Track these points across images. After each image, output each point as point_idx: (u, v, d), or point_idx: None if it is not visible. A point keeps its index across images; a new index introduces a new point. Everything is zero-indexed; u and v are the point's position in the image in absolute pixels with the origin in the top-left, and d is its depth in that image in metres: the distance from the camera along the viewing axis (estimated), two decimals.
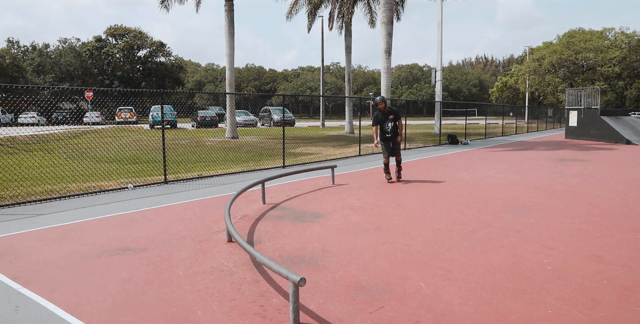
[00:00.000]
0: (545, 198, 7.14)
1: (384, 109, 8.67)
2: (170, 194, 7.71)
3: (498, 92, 57.31)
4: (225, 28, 20.87)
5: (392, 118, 8.66)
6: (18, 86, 7.31)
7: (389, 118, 8.66)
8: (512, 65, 77.11)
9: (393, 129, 8.71)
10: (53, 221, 5.85)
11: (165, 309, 3.24)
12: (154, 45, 59.33)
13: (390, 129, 8.72)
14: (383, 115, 8.67)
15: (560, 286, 3.60)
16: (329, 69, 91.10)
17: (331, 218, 5.89)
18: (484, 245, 4.69)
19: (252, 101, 71.36)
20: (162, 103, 9.01)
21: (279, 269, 3.09)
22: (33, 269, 4.06)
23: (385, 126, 8.71)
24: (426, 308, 3.22)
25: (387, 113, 8.69)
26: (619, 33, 41.93)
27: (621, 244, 4.68)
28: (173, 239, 4.99)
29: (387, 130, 8.72)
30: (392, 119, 8.67)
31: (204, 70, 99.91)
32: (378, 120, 8.69)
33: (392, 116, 8.67)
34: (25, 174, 8.93)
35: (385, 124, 8.69)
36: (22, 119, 31.29)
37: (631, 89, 42.05)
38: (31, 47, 54.25)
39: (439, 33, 25.48)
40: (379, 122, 8.69)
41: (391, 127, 8.70)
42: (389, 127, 8.71)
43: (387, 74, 18.56)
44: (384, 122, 8.68)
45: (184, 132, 23.08)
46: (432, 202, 6.90)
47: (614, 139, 19.19)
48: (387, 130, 8.72)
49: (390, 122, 8.66)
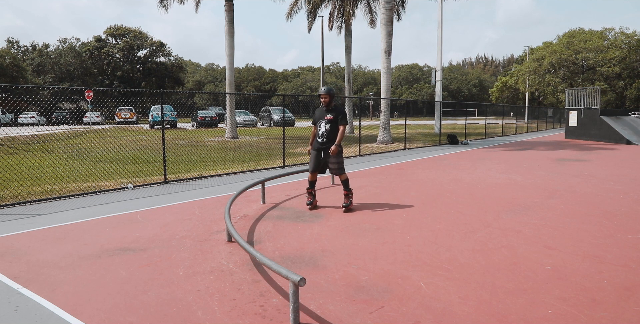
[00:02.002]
0: (545, 198, 7.14)
1: (326, 103, 6.26)
2: (170, 194, 7.71)
3: (498, 92, 57.34)
4: (225, 28, 20.88)
5: (329, 118, 6.19)
6: (18, 86, 7.31)
7: (326, 117, 6.21)
8: (512, 65, 77.15)
9: (328, 134, 6.19)
10: (53, 221, 5.84)
11: (165, 309, 3.24)
12: (154, 45, 59.36)
13: (324, 133, 6.21)
14: (321, 112, 6.35)
15: (560, 286, 3.60)
16: (329, 69, 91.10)
17: (331, 218, 5.89)
18: (484, 245, 4.69)
19: (252, 101, 71.34)
20: (162, 103, 9.01)
21: (279, 269, 3.09)
22: (33, 269, 4.06)
23: (318, 128, 6.32)
24: (426, 308, 3.22)
25: (328, 110, 6.27)
26: (619, 33, 41.97)
27: (621, 244, 4.68)
28: (173, 239, 4.99)
29: (319, 133, 6.28)
30: (330, 120, 6.19)
31: (204, 70, 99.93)
32: (314, 119, 6.45)
33: (331, 116, 6.19)
34: (25, 174, 8.93)
35: (319, 125, 6.30)
36: (22, 119, 31.30)
37: (631, 89, 42.05)
38: (31, 47, 54.25)
39: (439, 33, 25.48)
40: (315, 122, 6.43)
41: (326, 131, 6.19)
42: (323, 130, 6.22)
43: (387, 74, 18.56)
44: (319, 122, 6.33)
45: (184, 132, 23.08)
46: (432, 202, 6.90)
47: (614, 139, 19.19)
48: (319, 133, 6.28)
49: (327, 123, 6.20)
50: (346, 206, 6.28)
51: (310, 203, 6.45)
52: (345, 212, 6.15)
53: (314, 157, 6.30)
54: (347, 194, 6.36)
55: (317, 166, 6.30)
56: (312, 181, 6.42)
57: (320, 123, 6.26)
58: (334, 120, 6.20)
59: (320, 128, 6.25)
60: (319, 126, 6.27)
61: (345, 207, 6.26)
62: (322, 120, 6.24)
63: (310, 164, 6.34)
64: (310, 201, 6.46)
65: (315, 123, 6.36)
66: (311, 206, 6.44)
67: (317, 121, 6.32)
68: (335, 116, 6.20)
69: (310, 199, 6.47)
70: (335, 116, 6.20)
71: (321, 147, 6.26)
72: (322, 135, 6.21)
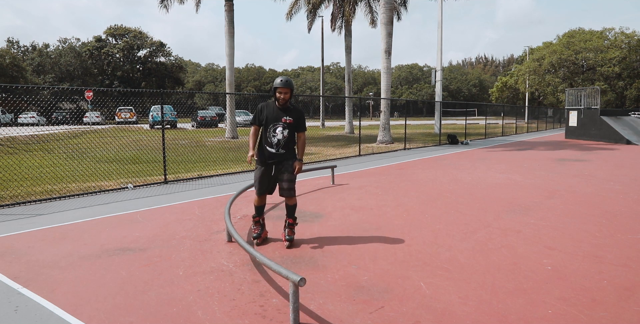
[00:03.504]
0: (545, 198, 7.14)
1: (282, 101, 4.56)
2: (170, 194, 7.71)
3: (498, 92, 57.36)
4: (225, 28, 20.88)
5: (289, 121, 4.57)
6: (18, 86, 7.32)
7: (284, 120, 4.56)
8: (512, 65, 77.19)
9: (286, 143, 4.60)
10: (53, 221, 5.85)
11: (165, 309, 3.24)
12: (154, 45, 59.36)
13: (280, 141, 4.58)
14: (275, 112, 4.61)
15: (560, 286, 3.60)
16: (329, 69, 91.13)
17: (331, 218, 5.89)
18: (484, 245, 4.69)
19: (252, 101, 71.35)
20: (162, 103, 9.02)
21: (279, 269, 3.09)
22: (33, 269, 4.06)
23: (270, 133, 4.59)
24: (426, 308, 3.22)
25: (285, 110, 4.62)
26: (619, 33, 41.97)
27: (621, 244, 4.68)
28: (173, 239, 4.99)
29: (273, 141, 4.58)
30: (289, 125, 4.58)
31: (204, 70, 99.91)
32: (261, 118, 4.67)
33: (291, 119, 4.58)
34: (25, 174, 8.93)
35: (273, 130, 4.58)
36: (22, 119, 31.31)
37: (631, 89, 42.06)
38: (31, 47, 54.27)
39: (439, 33, 25.48)
40: (263, 123, 4.66)
41: (284, 139, 4.57)
42: (280, 136, 4.57)
43: (387, 74, 18.56)
44: (272, 125, 4.59)
45: (184, 132, 23.08)
46: (432, 202, 6.90)
47: (614, 139, 19.19)
48: (273, 141, 4.58)
49: (285, 128, 4.57)
50: (290, 239, 4.71)
51: (259, 236, 4.81)
52: (288, 248, 4.63)
53: (263, 174, 4.65)
54: (293, 223, 4.80)
55: (268, 186, 4.72)
56: (260, 206, 4.82)
57: (275, 127, 4.56)
58: (293, 124, 4.60)
59: (274, 134, 4.57)
60: (273, 131, 4.57)
61: (289, 241, 4.69)
62: (277, 123, 4.56)
63: (258, 182, 4.68)
64: (258, 233, 4.82)
65: (263, 125, 4.66)
66: (259, 239, 4.82)
67: (269, 124, 4.58)
68: (296, 119, 4.61)
69: (258, 230, 4.83)
70: (295, 118, 4.60)
71: (274, 161, 4.62)
72: (277, 144, 4.57)
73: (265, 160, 4.65)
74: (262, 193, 4.75)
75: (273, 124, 4.59)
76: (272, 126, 4.59)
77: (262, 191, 4.74)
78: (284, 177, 4.66)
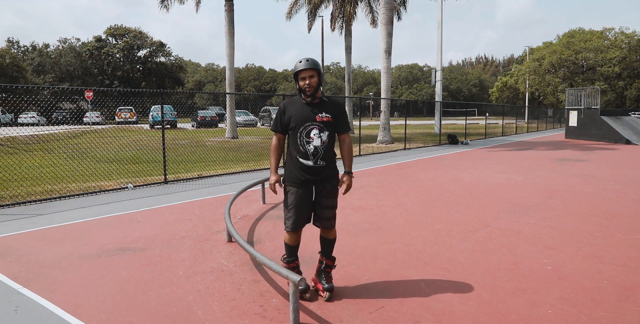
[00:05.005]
0: (545, 198, 7.13)
1: (310, 90, 3.24)
2: (170, 194, 7.71)
3: (498, 92, 57.33)
4: (225, 28, 20.89)
5: (326, 119, 3.29)
6: (18, 86, 7.32)
7: (319, 118, 3.27)
8: (512, 65, 77.11)
9: (325, 152, 3.30)
10: (53, 221, 5.85)
11: (165, 309, 3.24)
12: (154, 45, 59.34)
13: (319, 150, 3.27)
14: (304, 110, 3.30)
15: (560, 286, 3.60)
16: (329, 69, 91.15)
17: None
18: (484, 245, 4.69)
19: (252, 101, 71.33)
20: (162, 103, 9.02)
21: (279, 269, 3.09)
22: (33, 269, 4.06)
23: (303, 140, 3.27)
24: (426, 308, 3.22)
25: (317, 105, 3.31)
26: (619, 33, 41.97)
27: (621, 244, 4.68)
28: (173, 239, 4.99)
29: (309, 150, 3.25)
30: (328, 124, 3.30)
31: (204, 70, 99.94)
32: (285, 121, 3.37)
33: (328, 116, 3.29)
34: (25, 174, 8.93)
35: (306, 135, 3.27)
36: (22, 119, 31.30)
37: (631, 89, 42.06)
38: (31, 47, 54.24)
39: (439, 33, 25.48)
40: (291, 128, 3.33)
41: (321, 145, 3.27)
42: (315, 142, 3.26)
43: (387, 74, 18.57)
44: (303, 129, 3.28)
45: (184, 132, 23.07)
46: (432, 202, 6.90)
47: (614, 139, 19.19)
48: (309, 150, 3.25)
49: (322, 130, 3.28)
50: (330, 288, 3.40)
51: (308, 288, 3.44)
52: (327, 301, 3.34)
53: (301, 198, 3.32)
54: (332, 266, 3.55)
55: (308, 215, 3.43)
56: (295, 246, 3.49)
57: (308, 130, 3.26)
58: (333, 123, 3.32)
59: (307, 140, 3.26)
60: (306, 136, 3.26)
61: (329, 291, 3.39)
62: (310, 125, 3.27)
63: (294, 212, 3.35)
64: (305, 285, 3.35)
65: (292, 130, 3.31)
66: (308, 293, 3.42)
67: (298, 127, 3.27)
68: (335, 116, 3.32)
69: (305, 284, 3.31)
70: (334, 115, 3.32)
71: (314, 179, 3.30)
72: (314, 153, 3.26)
73: (300, 178, 3.29)
74: (299, 227, 3.39)
75: (304, 127, 3.25)
76: (303, 129, 3.26)
77: (301, 224, 3.39)
78: (326, 202, 3.37)
